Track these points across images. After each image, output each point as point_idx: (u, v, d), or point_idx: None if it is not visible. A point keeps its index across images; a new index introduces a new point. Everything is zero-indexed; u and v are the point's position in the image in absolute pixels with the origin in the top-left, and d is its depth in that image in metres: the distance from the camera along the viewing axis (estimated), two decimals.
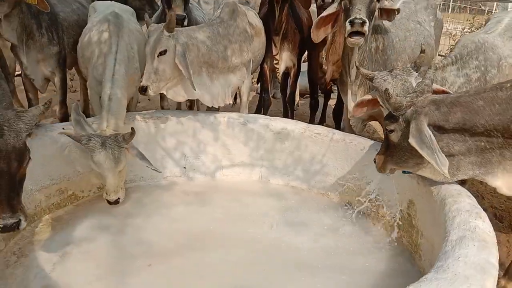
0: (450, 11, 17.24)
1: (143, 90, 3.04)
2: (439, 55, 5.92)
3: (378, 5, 2.98)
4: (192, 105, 4.53)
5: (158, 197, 3.19)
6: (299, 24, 4.13)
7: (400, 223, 2.73)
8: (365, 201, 2.98)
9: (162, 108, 4.25)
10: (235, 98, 5.00)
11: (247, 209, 3.11)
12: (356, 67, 2.98)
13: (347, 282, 2.35)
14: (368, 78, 2.83)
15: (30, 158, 2.13)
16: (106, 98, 2.93)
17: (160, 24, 3.15)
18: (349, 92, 3.30)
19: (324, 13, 3.16)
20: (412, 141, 2.15)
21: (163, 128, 3.38)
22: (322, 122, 4.99)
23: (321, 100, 4.97)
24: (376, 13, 3.04)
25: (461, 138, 2.20)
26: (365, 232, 2.85)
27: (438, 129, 2.19)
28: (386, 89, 2.36)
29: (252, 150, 3.51)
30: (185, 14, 3.59)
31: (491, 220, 3.45)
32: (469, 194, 2.22)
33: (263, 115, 3.72)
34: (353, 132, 3.42)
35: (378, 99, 2.75)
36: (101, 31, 3.30)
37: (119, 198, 2.91)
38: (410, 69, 2.73)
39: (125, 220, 2.86)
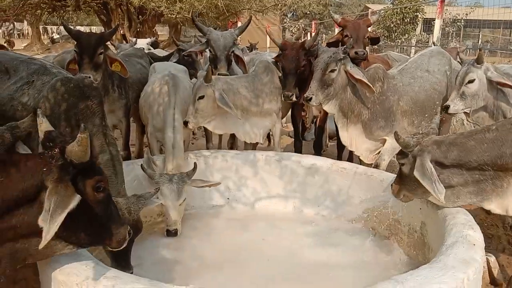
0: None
1: (185, 123, 3.81)
2: None
3: (333, 75, 3.71)
4: (233, 146, 5.18)
5: (207, 223, 3.76)
6: None
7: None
8: (386, 226, 3.47)
9: (207, 149, 4.92)
10: (269, 139, 5.68)
11: (282, 232, 3.62)
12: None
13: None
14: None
15: None
16: (170, 145, 3.61)
17: (204, 73, 3.96)
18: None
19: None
20: (416, 173, 2.61)
21: (211, 165, 4.00)
22: (350, 160, 5.50)
23: None
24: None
25: (459, 172, 2.64)
26: (387, 251, 3.30)
27: (439, 164, 2.64)
28: (396, 132, 2.89)
29: (286, 184, 4.04)
30: (227, 73, 4.32)
31: (505, 246, 3.85)
32: (466, 212, 2.68)
33: (295, 153, 4.31)
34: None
35: None
36: (161, 87, 4.03)
37: (177, 230, 3.45)
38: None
39: (182, 240, 3.43)
